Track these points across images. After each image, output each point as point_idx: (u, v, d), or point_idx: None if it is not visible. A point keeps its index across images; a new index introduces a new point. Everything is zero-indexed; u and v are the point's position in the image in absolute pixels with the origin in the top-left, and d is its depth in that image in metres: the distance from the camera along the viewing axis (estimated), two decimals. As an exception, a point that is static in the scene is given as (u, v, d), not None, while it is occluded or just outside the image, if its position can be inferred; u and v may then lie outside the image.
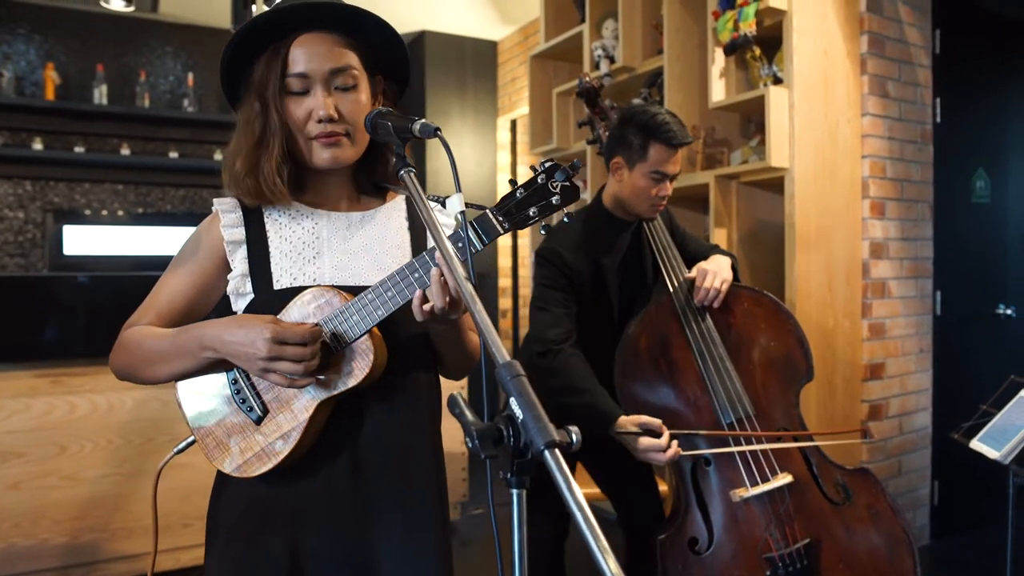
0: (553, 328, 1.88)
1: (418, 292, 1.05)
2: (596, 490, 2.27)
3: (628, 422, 1.75)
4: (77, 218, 4.82)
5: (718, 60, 2.93)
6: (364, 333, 1.08)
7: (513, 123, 5.93)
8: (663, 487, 2.27)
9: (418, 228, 1.26)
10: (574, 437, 0.64)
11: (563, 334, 1.88)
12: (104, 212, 4.97)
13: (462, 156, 5.75)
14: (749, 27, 2.71)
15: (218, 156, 5.09)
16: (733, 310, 1.94)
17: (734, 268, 2.01)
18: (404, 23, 5.54)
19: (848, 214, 2.88)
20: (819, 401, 2.78)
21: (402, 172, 0.99)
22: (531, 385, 0.67)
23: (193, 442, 1.17)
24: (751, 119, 3.20)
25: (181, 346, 1.09)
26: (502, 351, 0.71)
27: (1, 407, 2.65)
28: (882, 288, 3.00)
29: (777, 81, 2.84)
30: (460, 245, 1.04)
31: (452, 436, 3.59)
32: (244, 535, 1.13)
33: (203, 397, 1.14)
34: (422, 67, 5.62)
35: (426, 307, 1.05)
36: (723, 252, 2.09)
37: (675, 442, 1.72)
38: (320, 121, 1.11)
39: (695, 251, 2.12)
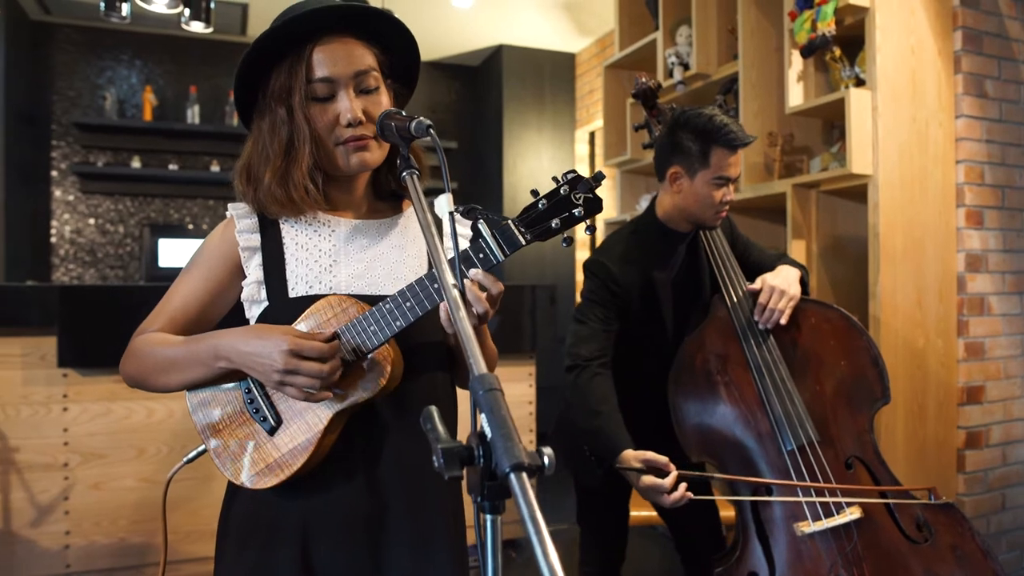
0: (586, 343, 1.80)
1: (443, 305, 1.03)
2: (653, 512, 2.16)
3: (632, 457, 1.61)
4: (172, 232, 5.08)
5: (795, 63, 2.78)
6: (381, 344, 1.04)
7: (591, 135, 5.86)
8: (728, 513, 2.13)
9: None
10: (546, 460, 0.57)
11: (595, 351, 1.79)
12: (195, 226, 5.21)
13: (540, 169, 5.73)
14: (828, 27, 2.56)
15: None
16: (799, 326, 1.81)
17: (803, 281, 1.88)
18: (481, 38, 5.58)
19: (940, 224, 2.66)
20: (907, 426, 2.57)
21: (404, 174, 0.95)
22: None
23: (204, 452, 1.16)
24: (834, 125, 3.02)
25: (195, 355, 1.08)
26: (479, 362, 0.66)
27: (85, 410, 2.78)
28: (980, 304, 2.75)
29: (860, 83, 2.66)
30: (482, 256, 1.00)
31: (517, 452, 3.53)
32: (255, 546, 1.11)
33: (215, 406, 1.13)
34: (500, 81, 5.65)
35: (445, 323, 1.03)
36: (791, 262, 1.95)
37: (683, 485, 1.57)
38: (349, 125, 1.09)
39: (759, 261, 1.99)
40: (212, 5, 3.34)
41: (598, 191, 1.04)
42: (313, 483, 1.10)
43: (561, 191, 1.01)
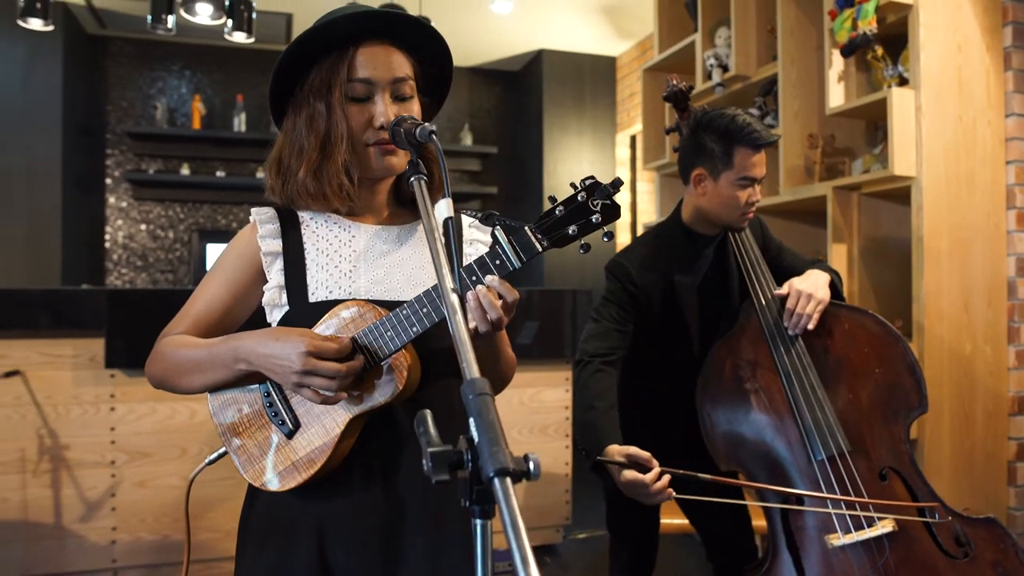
0: (595, 340, 1.78)
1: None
2: (684, 521, 2.13)
3: (616, 451, 1.56)
4: (219, 237, 5.21)
5: (836, 63, 2.72)
6: (398, 350, 1.05)
7: (632, 139, 5.82)
8: (760, 522, 2.09)
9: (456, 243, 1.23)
10: (531, 466, 0.57)
11: (602, 348, 1.77)
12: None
13: (581, 173, 5.71)
14: (869, 25, 2.50)
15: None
16: (831, 331, 1.76)
17: (835, 286, 1.83)
18: (521, 44, 5.60)
19: (989, 227, 2.57)
20: (954, 437, 2.48)
21: (412, 179, 0.96)
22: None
23: (225, 453, 1.18)
24: (878, 125, 2.94)
25: (216, 357, 1.10)
26: (472, 367, 0.66)
27: (131, 410, 2.86)
28: (1033, 311, 2.64)
29: (903, 82, 2.59)
30: (498, 262, 1.00)
31: (554, 457, 3.51)
32: (273, 547, 1.12)
33: (235, 409, 1.15)
34: (540, 86, 5.66)
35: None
36: (824, 267, 1.90)
37: (666, 478, 1.52)
38: (381, 128, 1.11)
39: (792, 266, 1.95)
40: (254, 16, 3.42)
41: (616, 197, 1.02)
42: (331, 486, 1.11)
43: (578, 197, 1.01)
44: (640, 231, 5.14)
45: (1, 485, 2.72)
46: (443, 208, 0.86)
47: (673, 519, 2.27)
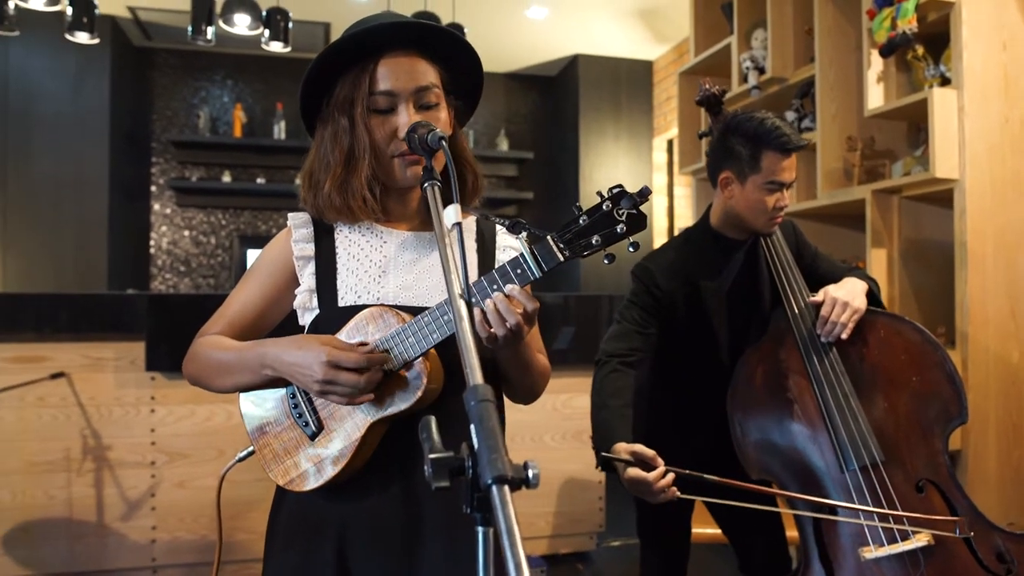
0: (615, 341, 1.77)
1: (476, 312, 1.02)
2: (717, 530, 2.10)
3: (622, 449, 1.52)
4: (259, 242, 5.31)
5: (875, 63, 2.66)
6: (418, 356, 1.05)
7: (669, 143, 5.77)
8: (794, 533, 2.04)
9: (487, 249, 1.24)
10: (530, 474, 0.57)
11: (621, 348, 1.75)
12: (281, 237, 5.44)
13: (617, 178, 5.68)
14: (909, 24, 2.43)
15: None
16: (866, 339, 1.71)
17: (872, 294, 1.78)
18: (557, 49, 5.60)
19: (1038, 231, 2.48)
20: (1000, 448, 2.39)
21: (425, 185, 0.96)
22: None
23: (253, 452, 1.20)
24: (920, 127, 2.87)
25: (244, 361, 1.13)
26: (476, 374, 0.66)
27: (170, 412, 2.93)
28: (1085, 318, 2.54)
29: (945, 82, 2.52)
30: (519, 271, 1.00)
31: (587, 463, 3.49)
32: (297, 547, 1.14)
33: (263, 409, 1.18)
34: (576, 91, 5.65)
35: (481, 335, 1.01)
36: (861, 275, 1.85)
37: (670, 476, 1.49)
38: (410, 128, 1.10)
39: (827, 273, 1.90)
40: (290, 26, 3.48)
41: (644, 207, 1.00)
42: (352, 488, 1.12)
43: (603, 207, 0.99)
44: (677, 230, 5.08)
45: (47, 483, 2.80)
46: (451, 214, 0.86)
47: (705, 527, 2.24)
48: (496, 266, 1.20)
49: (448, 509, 1.12)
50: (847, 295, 1.70)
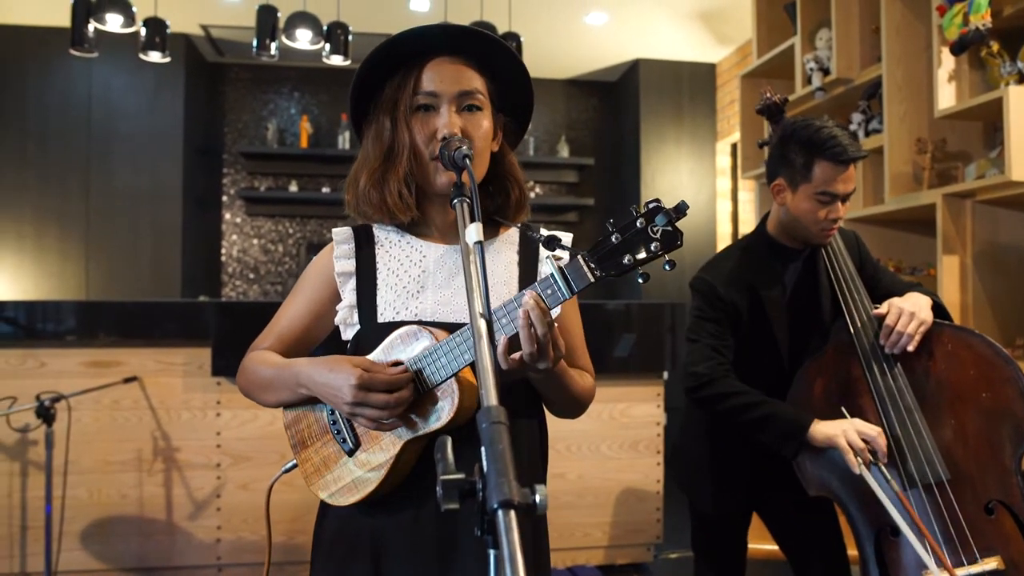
0: (704, 362, 1.74)
1: (503, 339, 1.00)
2: (774, 546, 2.03)
3: (838, 432, 1.57)
4: (324, 250, 5.44)
5: (945, 61, 2.54)
6: (449, 377, 1.05)
7: (733, 147, 5.64)
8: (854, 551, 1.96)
9: (529, 263, 1.22)
10: (537, 499, 0.56)
11: (715, 367, 1.73)
12: (345, 245, 5.57)
13: (679, 183, 5.59)
14: (982, 19, 2.32)
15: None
16: (933, 353, 1.63)
17: (939, 307, 1.70)
18: (617, 54, 5.55)
19: None
20: (1086, 468, 2.24)
21: (455, 201, 0.96)
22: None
23: (296, 465, 1.22)
24: (996, 128, 2.72)
25: (282, 379, 1.15)
26: (491, 395, 0.65)
27: (235, 416, 3.02)
28: None
29: (1023, 79, 2.39)
30: (549, 292, 0.98)
31: (645, 473, 3.43)
32: (337, 558, 1.16)
33: (304, 424, 1.20)
34: (637, 96, 5.59)
35: (514, 356, 1.00)
36: (926, 292, 1.77)
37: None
38: (444, 139, 1.10)
39: (889, 287, 1.83)
40: (350, 39, 3.56)
41: (679, 223, 0.94)
42: (390, 504, 1.13)
43: (637, 223, 0.94)
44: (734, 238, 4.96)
45: (120, 482, 2.93)
46: (472, 232, 0.85)
47: (762, 544, 2.17)
48: (536, 278, 1.19)
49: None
50: (913, 306, 1.64)
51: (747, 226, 5.35)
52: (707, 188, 5.66)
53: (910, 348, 1.61)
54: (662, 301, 3.29)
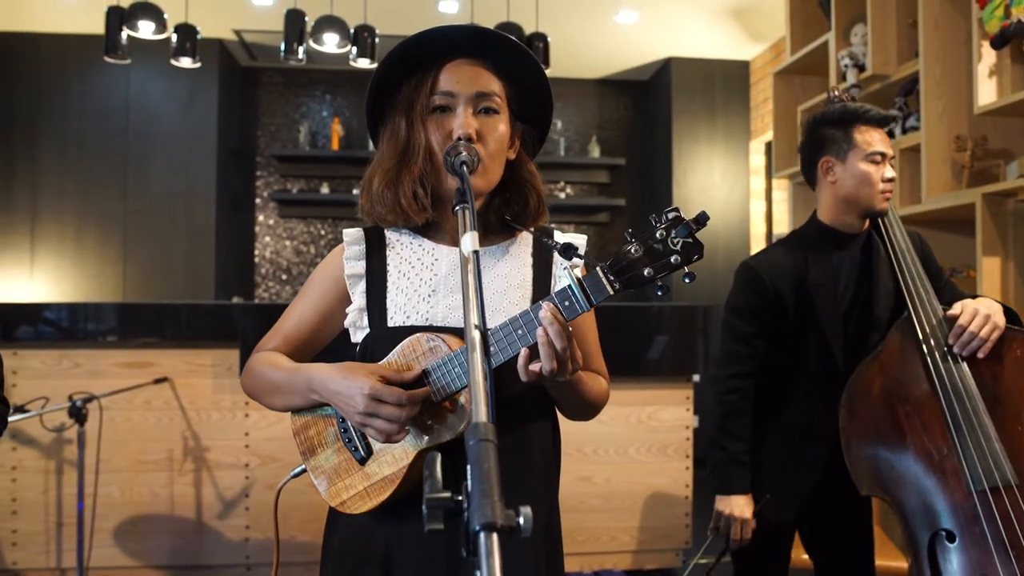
0: (732, 364, 1.78)
1: (523, 352, 0.98)
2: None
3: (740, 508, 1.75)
4: (355, 252, 5.48)
5: (986, 56, 2.45)
6: (463, 388, 1.03)
7: (767, 146, 5.54)
8: (900, 564, 1.91)
9: (543, 268, 1.19)
10: (521, 521, 0.54)
11: (741, 372, 1.77)
12: (375, 246, 5.61)
13: (711, 183, 5.51)
14: (1024, 12, 2.23)
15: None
16: (1002, 358, 1.58)
17: (1010, 312, 1.65)
18: (648, 53, 5.49)
19: None
20: None
21: (456, 208, 0.94)
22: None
23: (305, 470, 1.22)
24: (1041, 123, 2.62)
25: (293, 384, 1.14)
26: (480, 410, 0.63)
27: (263, 417, 3.05)
28: None
29: (1068, 74, 2.29)
30: (567, 304, 0.96)
31: (674, 478, 3.39)
32: (347, 566, 1.15)
33: (314, 430, 1.18)
34: (669, 94, 5.52)
35: (533, 367, 0.98)
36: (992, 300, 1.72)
37: None
38: (459, 139, 1.09)
39: (954, 295, 1.78)
40: (377, 42, 3.57)
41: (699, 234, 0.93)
42: (400, 512, 1.11)
43: (657, 235, 0.93)
44: (774, 240, 4.87)
45: (152, 481, 2.98)
46: (467, 242, 0.83)
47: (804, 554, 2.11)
48: (554, 286, 1.16)
49: None
50: (987, 309, 1.60)
51: (781, 226, 5.24)
52: (740, 188, 5.57)
53: (982, 353, 1.58)
54: (695, 304, 3.24)
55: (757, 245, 5.52)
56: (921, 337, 1.64)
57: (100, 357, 2.96)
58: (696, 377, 3.25)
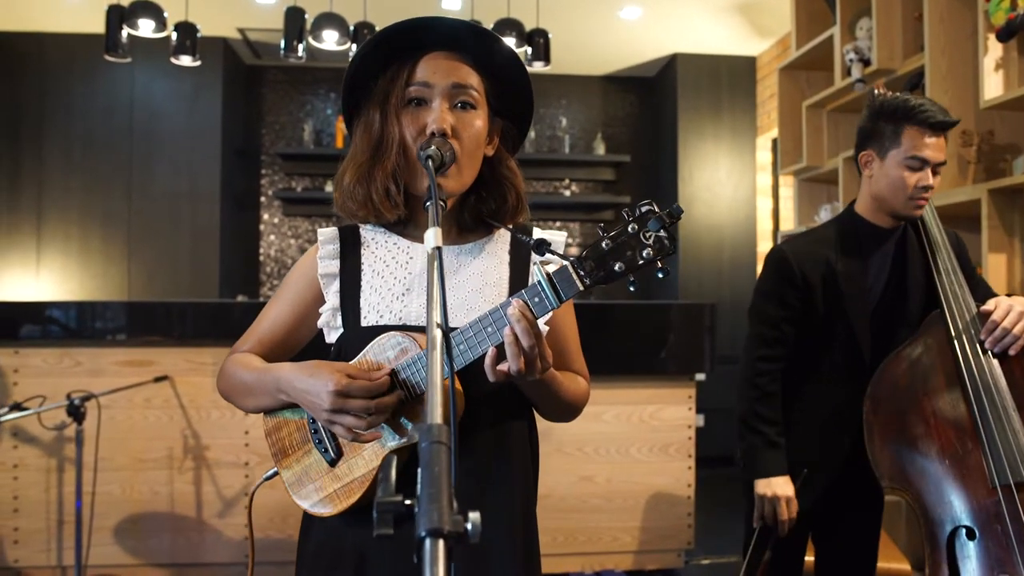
0: (760, 348, 1.79)
1: (491, 351, 0.96)
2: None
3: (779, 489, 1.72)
4: (359, 250, 5.46)
5: (992, 49, 2.41)
6: None
7: (774, 142, 5.49)
8: (886, 565, 1.88)
9: (520, 265, 1.17)
10: (468, 527, 0.52)
11: (771, 358, 1.78)
12: (380, 244, 5.60)
13: (717, 180, 5.46)
14: (1030, 4, 2.19)
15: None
16: None
17: None
18: (653, 49, 5.45)
19: None
20: None
21: (427, 204, 0.92)
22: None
23: (276, 474, 1.20)
24: (1049, 117, 2.58)
25: (263, 384, 1.12)
26: (436, 411, 0.61)
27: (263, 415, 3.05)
28: None
29: (1076, 67, 2.25)
30: (537, 300, 0.94)
31: (676, 478, 3.35)
32: (321, 568, 1.13)
33: (285, 432, 1.16)
34: (674, 91, 5.48)
35: (500, 367, 0.96)
36: None
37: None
38: (433, 135, 1.06)
39: (985, 295, 1.76)
40: (377, 39, 3.55)
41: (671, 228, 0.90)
42: (371, 514, 1.09)
43: (629, 228, 0.91)
44: (780, 240, 4.82)
45: (153, 479, 2.98)
46: (430, 238, 0.81)
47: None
48: (528, 284, 1.14)
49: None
50: (1022, 306, 1.59)
51: (788, 223, 5.20)
52: (747, 184, 5.52)
53: (1013, 350, 1.57)
54: (701, 302, 3.21)
55: (764, 242, 5.48)
56: (953, 333, 1.63)
57: (100, 355, 2.96)
58: (701, 376, 3.22)
